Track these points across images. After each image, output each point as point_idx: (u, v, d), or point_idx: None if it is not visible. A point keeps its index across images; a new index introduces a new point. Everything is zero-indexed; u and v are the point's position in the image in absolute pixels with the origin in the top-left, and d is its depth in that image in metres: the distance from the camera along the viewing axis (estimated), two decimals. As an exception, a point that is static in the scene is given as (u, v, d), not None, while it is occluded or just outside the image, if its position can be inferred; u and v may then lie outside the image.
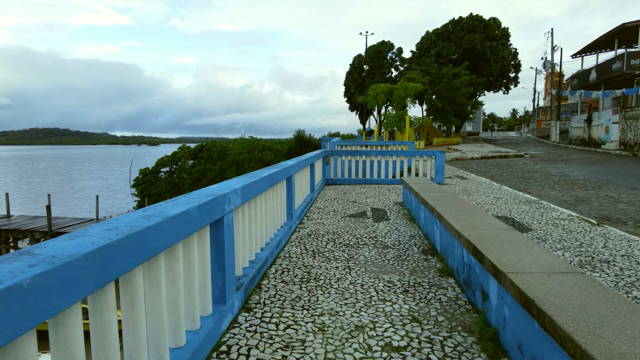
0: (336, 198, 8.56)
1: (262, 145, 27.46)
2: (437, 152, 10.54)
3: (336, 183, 10.98)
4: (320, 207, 7.48)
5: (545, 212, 6.89)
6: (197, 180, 25.94)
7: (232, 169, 23.66)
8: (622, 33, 26.33)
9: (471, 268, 3.22)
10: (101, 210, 36.01)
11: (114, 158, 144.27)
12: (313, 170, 8.20)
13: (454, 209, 4.52)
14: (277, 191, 4.76)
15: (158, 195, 26.74)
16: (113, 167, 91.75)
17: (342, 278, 3.75)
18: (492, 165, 16.74)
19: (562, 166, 15.11)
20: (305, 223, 6.04)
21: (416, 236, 5.32)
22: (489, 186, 10.27)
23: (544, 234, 5.44)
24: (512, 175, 12.94)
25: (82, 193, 44.93)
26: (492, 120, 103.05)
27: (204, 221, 2.38)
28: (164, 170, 29.98)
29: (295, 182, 5.98)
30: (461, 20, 37.01)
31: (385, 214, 6.82)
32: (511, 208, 7.30)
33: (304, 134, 27.02)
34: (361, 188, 10.12)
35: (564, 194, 9.26)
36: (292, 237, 5.20)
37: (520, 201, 8.03)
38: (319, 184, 9.74)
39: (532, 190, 9.92)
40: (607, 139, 25.39)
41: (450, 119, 34.86)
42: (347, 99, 53.41)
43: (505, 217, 6.49)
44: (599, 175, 12.24)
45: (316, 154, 8.82)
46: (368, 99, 30.27)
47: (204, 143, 30.17)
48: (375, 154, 10.95)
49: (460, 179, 11.91)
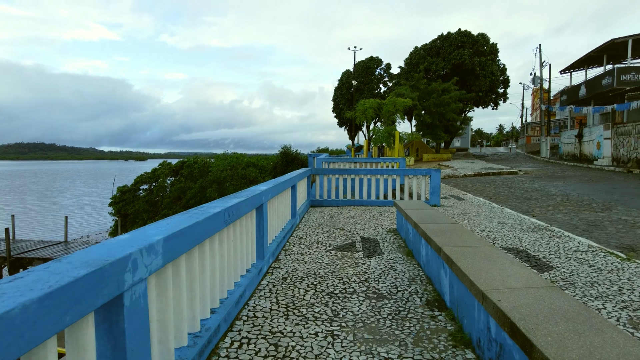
0: (321, 224, 7.55)
1: (247, 161, 26.27)
2: (433, 171, 9.64)
3: (322, 205, 9.99)
4: (302, 235, 6.45)
5: (560, 242, 5.97)
6: (176, 198, 24.57)
7: (213, 187, 22.44)
8: (611, 49, 26.21)
9: (504, 349, 2.24)
10: (78, 229, 34.36)
11: (99, 174, 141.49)
12: (295, 193, 7.21)
13: (466, 249, 3.56)
14: (240, 227, 3.75)
15: (135, 214, 25.30)
16: (96, 184, 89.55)
17: (321, 354, 2.72)
18: (487, 183, 15.94)
19: (561, 184, 14.37)
20: (281, 260, 5.01)
21: (416, 279, 4.33)
22: (489, 208, 9.37)
23: (569, 273, 4.49)
24: (511, 195, 12.11)
25: (60, 211, 43.04)
26: (480, 136, 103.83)
27: (81, 310, 1.38)
28: (143, 188, 28.56)
29: (270, 211, 4.97)
30: (450, 35, 36.89)
31: (378, 245, 5.82)
32: (520, 237, 6.38)
33: (290, 150, 26.01)
34: (349, 211, 9.14)
35: (572, 217, 8.40)
36: (262, 283, 4.16)
37: (528, 227, 7.12)
38: (303, 206, 8.74)
39: (536, 213, 9.05)
40: (599, 154, 24.98)
41: (440, 135, 34.33)
42: (336, 114, 52.90)
43: (517, 250, 5.54)
44: (603, 194, 11.47)
45: (299, 174, 7.84)
46: (357, 114, 29.57)
47: (184, 159, 28.88)
48: (365, 173, 10.01)
49: (457, 199, 11.02)
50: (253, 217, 4.22)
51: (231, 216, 3.19)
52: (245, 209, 3.65)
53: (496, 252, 3.44)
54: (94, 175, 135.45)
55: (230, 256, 3.43)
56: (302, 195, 8.74)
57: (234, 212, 3.27)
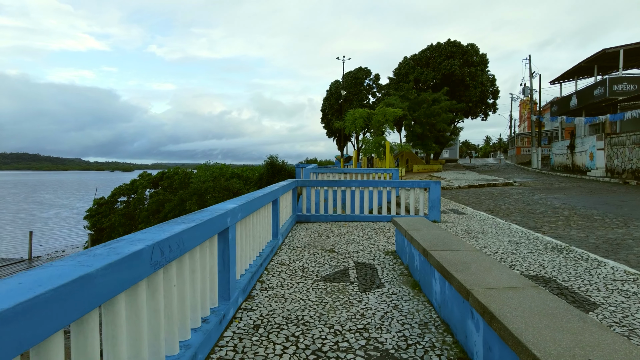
0: (308, 244, 6.51)
1: (231, 172, 24.99)
2: (432, 183, 8.71)
3: (310, 220, 8.95)
4: (284, 260, 5.40)
5: (590, 268, 5.04)
6: (154, 211, 23.17)
7: (193, 199, 21.14)
8: (602, 59, 25.97)
9: None
10: (54, 242, 32.56)
11: (83, 185, 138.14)
12: (277, 208, 6.17)
13: (504, 293, 2.56)
14: (191, 263, 2.70)
15: (111, 229, 23.81)
16: (79, 195, 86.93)
17: None
18: (484, 195, 15.11)
19: (563, 197, 13.59)
20: (255, 298, 3.95)
21: (429, 324, 3.32)
22: (495, 224, 8.45)
23: (620, 313, 3.53)
24: (513, 209, 11.24)
25: (36, 225, 41.06)
26: (467, 148, 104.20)
27: None
28: (121, 200, 27.03)
29: (241, 235, 3.93)
30: (439, 45, 36.57)
31: (376, 273, 4.80)
32: (540, 260, 5.43)
33: (276, 160, 24.89)
34: (340, 228, 8.11)
35: (589, 235, 7.51)
36: (225, 336, 3.09)
37: (546, 248, 6.19)
38: (288, 223, 7.69)
39: (546, 229, 8.16)
40: (593, 165, 24.51)
41: (430, 146, 33.70)
42: (325, 125, 52.19)
43: (543, 279, 4.58)
44: (612, 208, 10.68)
45: (282, 186, 6.81)
46: (346, 124, 28.75)
47: (165, 170, 27.41)
48: (357, 185, 9.03)
49: (457, 213, 10.10)
50: (214, 246, 3.17)
51: (169, 253, 2.15)
52: (197, 238, 2.62)
53: (550, 299, 2.45)
54: (77, 186, 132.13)
55: (171, 308, 2.38)
56: (286, 210, 7.70)
57: (175, 246, 2.23)
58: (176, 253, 2.29)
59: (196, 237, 2.62)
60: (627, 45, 23.59)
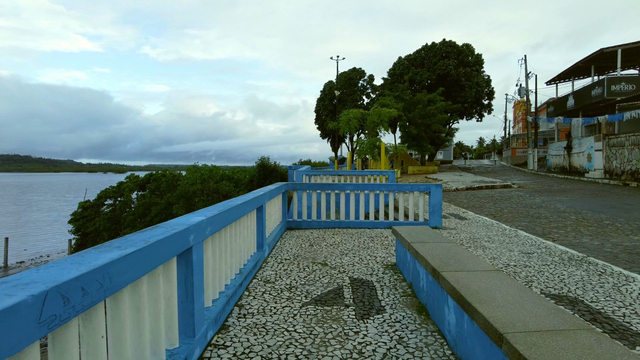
0: (298, 255, 5.85)
1: (221, 174, 24.14)
2: (433, 186, 8.08)
3: (301, 227, 8.29)
4: (269, 277, 4.73)
5: (618, 284, 4.43)
6: (141, 215, 22.30)
7: (180, 202, 20.30)
8: (599, 59, 25.62)
9: None
10: (39, 247, 31.52)
11: (74, 186, 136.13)
12: (262, 216, 5.49)
13: (557, 344, 1.92)
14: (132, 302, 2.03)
15: (95, 233, 22.90)
16: (69, 197, 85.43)
17: None
18: (484, 198, 14.53)
19: (566, 199, 13.05)
20: (231, 329, 3.27)
21: (444, 366, 2.67)
22: (501, 230, 7.84)
23: (672, 348, 2.90)
24: (516, 212, 10.65)
25: (22, 229, 39.91)
26: (460, 149, 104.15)
27: None
28: (107, 203, 26.08)
29: (211, 255, 3.25)
30: (434, 45, 36.09)
31: (374, 293, 4.15)
32: (559, 274, 4.82)
33: (268, 162, 24.12)
34: (334, 235, 7.45)
35: (603, 243, 6.92)
36: (185, 388, 2.42)
37: (561, 259, 5.58)
38: (276, 230, 7.02)
39: (555, 236, 7.56)
40: (590, 167, 24.10)
41: (426, 147, 33.16)
42: (319, 125, 51.56)
43: (568, 299, 3.95)
44: (620, 212, 10.13)
45: (270, 191, 6.14)
46: (340, 124, 28.10)
47: (152, 172, 26.50)
48: (352, 188, 8.39)
49: (458, 218, 9.48)
50: (171, 271, 2.49)
51: (81, 299, 1.48)
52: (140, 266, 1.95)
53: (619, 351, 1.81)
54: (68, 188, 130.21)
55: None
56: (274, 217, 7.03)
57: (95, 285, 1.56)
58: (100, 294, 1.62)
59: (138, 266, 1.94)
60: (625, 45, 23.23)
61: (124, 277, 1.84)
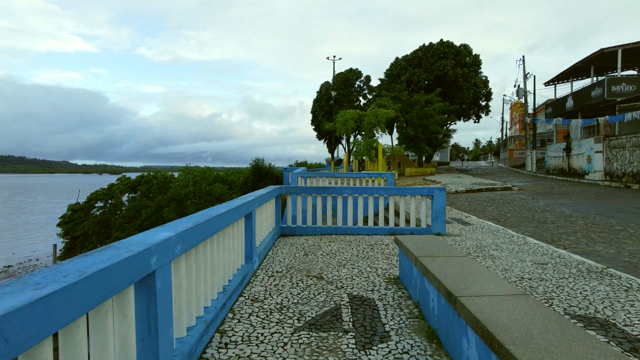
0: (291, 267, 5.33)
1: (214, 176, 23.54)
2: (436, 190, 7.60)
3: (295, 233, 7.78)
4: (258, 294, 4.22)
5: (648, 302, 3.95)
6: (131, 218, 21.67)
7: (171, 205, 19.69)
8: (599, 60, 25.29)
9: None
10: (30, 250, 30.79)
11: (68, 188, 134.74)
12: (251, 224, 4.98)
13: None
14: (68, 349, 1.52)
15: (84, 237, 22.22)
16: (62, 199, 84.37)
17: None
18: (485, 201, 14.08)
19: (570, 203, 12.62)
20: (208, 364, 2.75)
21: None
22: (508, 238, 7.37)
23: None
24: (520, 217, 10.19)
25: (13, 231, 39.08)
26: (457, 150, 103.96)
27: None
28: (98, 205, 25.39)
29: (184, 277, 2.73)
30: (432, 46, 35.72)
31: (377, 314, 3.65)
32: (580, 289, 4.34)
33: (262, 164, 23.55)
34: (330, 243, 6.95)
35: (619, 251, 6.46)
36: None
37: (579, 271, 5.11)
38: (268, 238, 6.51)
39: (565, 243, 7.10)
40: (590, 169, 23.76)
41: (423, 148, 32.74)
42: (315, 127, 51.08)
43: (597, 321, 3.47)
44: (630, 216, 9.69)
45: (260, 196, 5.64)
46: (337, 125, 27.61)
47: (143, 174, 25.83)
48: (349, 192, 7.89)
49: (461, 223, 9.01)
50: (128, 303, 1.98)
51: None
52: (58, 316, 1.44)
53: None
54: (62, 189, 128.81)
55: None
56: (266, 223, 6.52)
57: None
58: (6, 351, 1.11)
59: (68, 306, 1.44)
60: (626, 45, 22.91)
61: (44, 324, 1.33)
